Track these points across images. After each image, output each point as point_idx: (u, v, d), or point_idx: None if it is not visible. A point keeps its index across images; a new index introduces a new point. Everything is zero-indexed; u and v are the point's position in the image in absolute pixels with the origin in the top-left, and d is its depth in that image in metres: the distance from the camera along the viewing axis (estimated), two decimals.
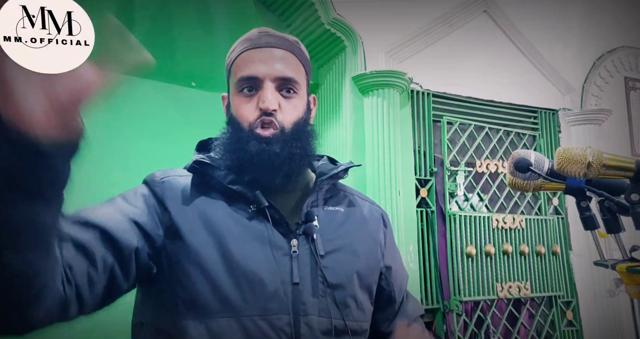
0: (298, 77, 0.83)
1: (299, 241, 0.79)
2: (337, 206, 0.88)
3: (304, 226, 0.80)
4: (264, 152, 0.78)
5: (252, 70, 0.80)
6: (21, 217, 0.49)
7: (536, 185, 0.88)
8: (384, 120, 2.29)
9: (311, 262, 0.78)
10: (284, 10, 2.47)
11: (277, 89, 0.81)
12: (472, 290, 2.43)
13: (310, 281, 0.77)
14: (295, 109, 0.82)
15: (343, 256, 0.82)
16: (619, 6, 3.21)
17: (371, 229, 0.90)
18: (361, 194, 0.98)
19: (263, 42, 0.82)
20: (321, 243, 0.80)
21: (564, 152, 0.74)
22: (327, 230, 0.83)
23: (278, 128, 0.79)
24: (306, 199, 0.83)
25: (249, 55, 0.82)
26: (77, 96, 0.48)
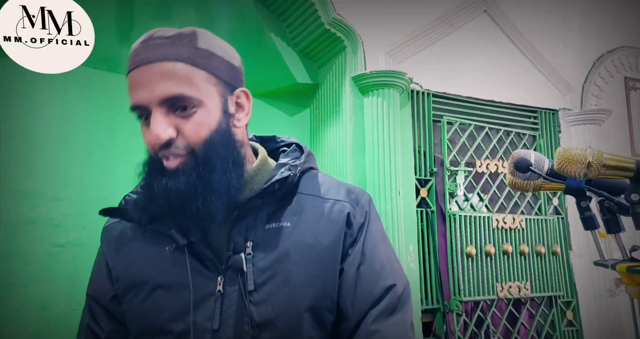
0: (190, 89, 0.67)
1: (225, 277, 0.69)
2: (284, 221, 0.73)
3: (230, 259, 0.69)
4: (166, 190, 0.67)
5: (135, 98, 0.68)
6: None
7: (536, 185, 0.88)
8: (384, 120, 2.29)
9: (239, 300, 0.68)
10: (284, 10, 2.47)
11: (171, 110, 0.67)
12: (472, 290, 2.43)
13: (234, 324, 0.67)
14: (201, 125, 0.68)
15: (279, 286, 0.69)
16: (619, 6, 3.21)
17: (327, 241, 0.73)
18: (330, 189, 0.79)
19: (139, 59, 0.68)
20: (251, 275, 0.69)
21: (564, 152, 0.74)
22: (264, 255, 0.70)
23: (184, 154, 0.67)
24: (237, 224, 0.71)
25: (130, 79, 0.69)
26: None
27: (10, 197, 1.88)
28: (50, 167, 1.98)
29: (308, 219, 0.74)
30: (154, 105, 0.67)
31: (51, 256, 1.92)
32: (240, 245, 0.70)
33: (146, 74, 0.67)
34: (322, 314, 0.71)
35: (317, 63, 2.63)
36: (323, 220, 0.74)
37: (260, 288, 0.69)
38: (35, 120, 1.98)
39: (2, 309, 1.81)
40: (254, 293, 0.68)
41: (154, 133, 0.66)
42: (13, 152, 1.91)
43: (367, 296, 0.72)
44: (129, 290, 0.74)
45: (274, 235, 0.72)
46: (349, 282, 0.73)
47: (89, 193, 2.02)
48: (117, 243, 0.78)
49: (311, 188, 0.78)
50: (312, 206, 0.76)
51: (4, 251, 1.85)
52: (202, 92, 0.68)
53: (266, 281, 0.69)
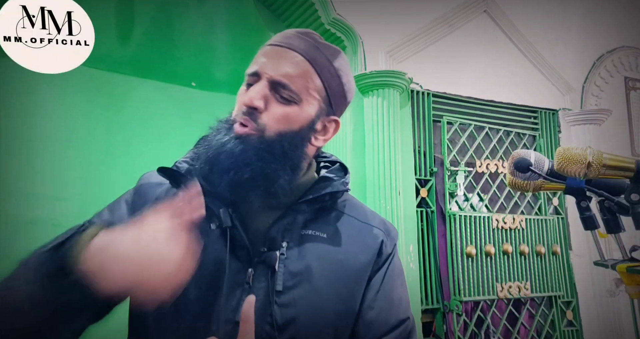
0: (300, 86, 0.71)
1: (255, 271, 0.69)
2: (320, 231, 0.74)
3: (264, 254, 0.69)
4: (221, 147, 0.69)
5: (255, 66, 0.72)
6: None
7: (536, 185, 0.88)
8: (384, 120, 2.29)
9: (265, 298, 0.67)
10: (284, 10, 2.47)
11: (272, 90, 0.71)
12: (472, 290, 2.43)
13: (257, 320, 0.64)
14: (286, 117, 0.71)
15: (306, 294, 0.69)
16: (619, 6, 3.21)
17: (358, 262, 0.74)
18: (367, 213, 0.82)
19: (285, 41, 0.74)
20: (282, 276, 0.69)
21: (564, 152, 0.74)
22: (296, 259, 0.71)
23: (256, 128, 0.69)
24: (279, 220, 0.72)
25: (264, 50, 0.74)
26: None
27: (10, 197, 1.88)
28: (50, 167, 1.97)
29: (343, 235, 0.75)
30: (264, 77, 0.71)
31: None
32: (277, 243, 0.71)
33: (279, 54, 0.72)
34: (341, 332, 0.72)
35: None
36: (357, 240, 0.76)
37: (287, 291, 0.69)
38: (35, 120, 1.98)
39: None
40: (281, 295, 0.68)
41: (250, 95, 0.70)
42: (13, 152, 1.91)
43: (381, 324, 0.73)
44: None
45: (308, 242, 0.73)
46: (366, 307, 0.74)
47: (89, 193, 2.02)
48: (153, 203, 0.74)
49: (349, 209, 0.80)
50: (350, 225, 0.77)
51: (4, 251, 1.84)
52: (307, 94, 0.72)
53: (294, 286, 0.69)
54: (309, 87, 0.72)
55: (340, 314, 0.71)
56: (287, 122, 0.71)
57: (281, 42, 0.73)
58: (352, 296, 0.73)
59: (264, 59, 0.72)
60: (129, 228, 0.58)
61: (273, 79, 0.70)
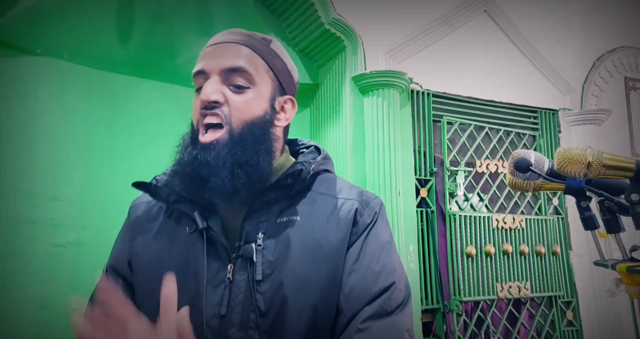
0: (250, 68, 0.74)
1: (235, 266, 0.72)
2: (294, 215, 0.75)
3: (241, 249, 0.72)
4: (195, 161, 0.71)
5: (200, 66, 0.75)
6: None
7: (536, 185, 0.88)
8: (384, 120, 2.29)
9: (246, 289, 0.70)
10: (284, 10, 2.48)
11: (225, 82, 0.74)
12: (472, 290, 2.44)
13: (240, 311, 0.69)
14: (247, 105, 0.73)
15: (285, 279, 0.70)
16: (619, 6, 3.21)
17: (335, 238, 0.74)
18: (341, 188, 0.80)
19: (219, 39, 0.78)
20: (260, 266, 0.71)
21: (564, 152, 0.74)
22: (273, 247, 0.72)
23: (223, 128, 0.71)
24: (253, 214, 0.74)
25: (203, 53, 0.78)
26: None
27: (10, 197, 1.88)
28: (50, 166, 1.97)
29: (318, 215, 0.76)
30: (214, 73, 0.73)
31: (51, 256, 1.92)
32: (252, 235, 0.73)
33: (218, 49, 0.76)
34: (325, 309, 0.71)
35: (317, 64, 2.63)
36: (332, 217, 0.76)
37: (267, 278, 0.71)
38: (36, 120, 1.98)
39: (2, 309, 1.80)
40: (261, 283, 0.70)
41: (206, 91, 0.71)
42: (13, 152, 1.91)
43: (364, 293, 0.71)
44: (145, 266, 0.76)
45: (284, 229, 0.74)
46: (345, 277, 0.73)
47: (89, 193, 2.02)
48: (141, 220, 0.81)
49: (325, 188, 0.80)
50: (324, 203, 0.77)
51: (4, 251, 1.85)
52: (258, 75, 0.75)
53: (273, 272, 0.71)
54: (258, 68, 0.76)
55: (323, 292, 0.71)
56: (249, 108, 0.74)
57: (215, 41, 0.77)
58: (331, 273, 0.72)
59: (205, 58, 0.75)
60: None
61: (223, 68, 0.73)
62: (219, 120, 0.72)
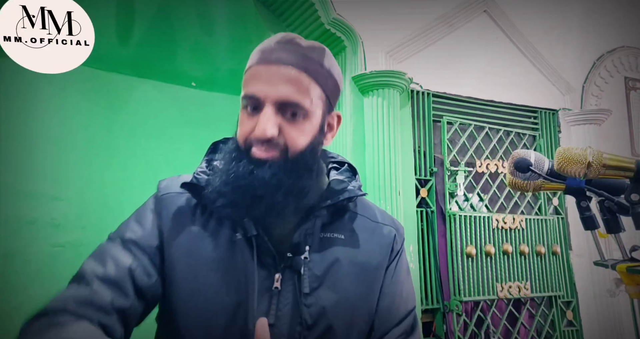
0: (305, 100, 0.72)
1: (283, 276, 0.73)
2: (338, 233, 0.78)
3: (290, 259, 0.73)
4: (252, 177, 0.70)
5: (254, 88, 0.72)
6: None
7: (536, 185, 0.88)
8: (384, 120, 2.29)
9: (293, 300, 0.72)
10: (284, 10, 2.47)
11: (280, 112, 0.72)
12: (472, 290, 2.43)
13: (288, 322, 0.71)
14: (302, 133, 0.73)
15: (331, 294, 0.74)
16: (619, 6, 3.21)
17: (375, 261, 0.80)
18: (377, 212, 0.86)
19: (273, 57, 0.73)
20: (308, 279, 0.73)
21: (564, 152, 0.74)
22: (319, 262, 0.75)
23: (278, 151, 0.71)
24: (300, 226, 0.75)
25: (256, 71, 0.73)
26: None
27: (10, 197, 1.88)
28: (50, 167, 1.97)
29: (359, 236, 0.80)
30: (268, 101, 0.71)
31: (51, 256, 1.92)
32: (302, 247, 0.74)
33: (273, 72, 0.72)
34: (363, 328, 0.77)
35: None
36: (373, 240, 0.81)
37: (313, 292, 0.73)
38: (35, 120, 1.98)
39: (2, 309, 1.80)
40: (308, 296, 0.72)
41: (262, 127, 0.70)
42: (13, 152, 1.91)
43: (393, 316, 0.80)
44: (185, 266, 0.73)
45: (329, 245, 0.77)
46: (380, 300, 0.80)
47: (89, 193, 2.02)
48: (178, 214, 0.77)
49: (361, 209, 0.84)
50: (363, 225, 0.82)
51: (4, 251, 1.85)
52: (312, 105, 0.74)
53: (319, 286, 0.74)
54: (312, 97, 0.73)
55: (363, 312, 0.77)
56: (303, 136, 0.73)
57: (269, 58, 0.73)
58: (371, 293, 0.78)
59: (259, 81, 0.72)
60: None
61: (278, 101, 0.71)
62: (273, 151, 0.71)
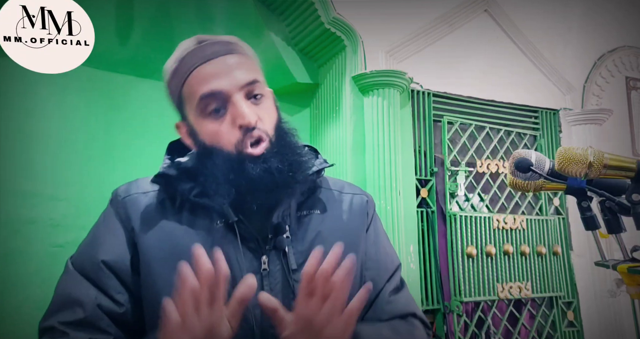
0: (260, 78, 0.75)
1: (269, 257, 0.74)
2: (312, 209, 0.81)
3: (273, 240, 0.75)
4: (266, 173, 0.71)
5: (213, 85, 0.71)
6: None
7: (537, 185, 0.88)
8: (384, 120, 2.28)
9: (283, 278, 0.74)
10: (284, 9, 2.47)
11: (247, 98, 0.73)
12: (472, 291, 2.43)
13: (281, 299, 0.71)
14: (269, 113, 0.75)
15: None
16: (619, 6, 3.20)
17: (352, 227, 0.83)
18: (346, 185, 0.90)
19: (209, 53, 0.73)
20: (293, 256, 0.75)
21: (564, 152, 0.74)
22: (300, 239, 0.77)
23: (266, 140, 0.72)
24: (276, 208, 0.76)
25: (200, 72, 0.72)
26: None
27: (10, 197, 1.88)
28: (50, 167, 1.98)
29: (334, 209, 0.84)
30: (235, 91, 0.71)
31: (51, 256, 1.92)
32: (282, 228, 0.76)
33: (221, 64, 0.72)
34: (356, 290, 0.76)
35: (317, 63, 2.62)
36: (348, 209, 0.85)
37: (300, 267, 0.73)
38: (35, 120, 1.98)
39: (2, 309, 1.81)
40: (296, 272, 0.74)
41: (246, 114, 0.70)
42: (13, 152, 1.91)
43: (384, 271, 0.84)
44: (164, 261, 0.72)
45: (307, 221, 0.80)
46: (372, 259, 0.84)
47: (89, 193, 2.02)
48: (147, 212, 0.77)
49: (329, 184, 0.88)
50: (333, 198, 0.85)
51: (4, 251, 1.85)
52: (263, 83, 0.76)
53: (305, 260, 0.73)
54: (259, 74, 0.76)
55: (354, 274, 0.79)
56: (272, 114, 0.76)
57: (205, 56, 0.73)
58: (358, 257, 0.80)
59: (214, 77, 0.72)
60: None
61: (242, 84, 0.72)
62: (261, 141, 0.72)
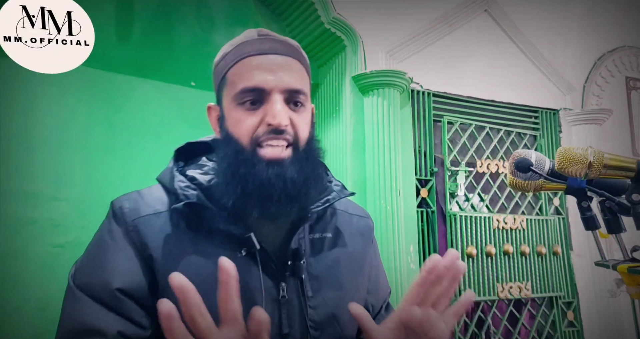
0: (306, 89, 0.72)
1: (287, 284, 0.71)
2: (324, 232, 0.79)
3: (292, 266, 0.72)
4: (278, 178, 0.67)
5: (257, 80, 0.68)
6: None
7: (537, 185, 0.88)
8: (384, 120, 2.28)
9: (299, 305, 0.72)
10: (284, 9, 2.47)
11: (286, 102, 0.70)
12: (472, 290, 2.43)
13: (299, 327, 0.70)
14: (306, 122, 0.72)
15: (332, 292, 0.75)
16: (619, 6, 3.20)
17: (360, 251, 0.83)
18: (349, 204, 0.88)
19: (267, 47, 0.71)
20: (309, 282, 0.73)
21: (564, 152, 0.74)
22: (314, 263, 0.75)
23: (291, 145, 0.69)
24: (294, 232, 0.73)
25: (251, 63, 0.70)
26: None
27: (10, 197, 1.88)
28: (50, 167, 1.97)
29: (343, 231, 0.83)
30: (276, 91, 0.69)
31: (51, 256, 1.92)
32: (300, 253, 0.73)
33: (273, 62, 0.70)
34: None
35: (317, 63, 2.62)
36: (356, 233, 0.84)
37: (316, 294, 0.74)
38: (35, 120, 1.97)
39: (2, 309, 1.80)
40: (311, 299, 0.73)
41: (278, 115, 0.67)
42: (13, 152, 1.91)
43: (382, 296, 0.88)
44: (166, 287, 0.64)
45: (320, 245, 0.78)
46: (372, 283, 0.85)
47: (89, 193, 2.02)
48: (164, 239, 0.69)
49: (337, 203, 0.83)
50: (343, 219, 0.84)
51: (4, 251, 1.85)
52: (307, 95, 0.74)
53: (320, 287, 0.74)
54: (307, 85, 0.73)
55: (359, 299, 0.80)
56: (306, 125, 0.73)
57: (262, 49, 0.71)
58: (363, 281, 0.82)
59: (262, 72, 0.69)
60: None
61: (286, 89, 0.69)
62: (286, 142, 0.69)
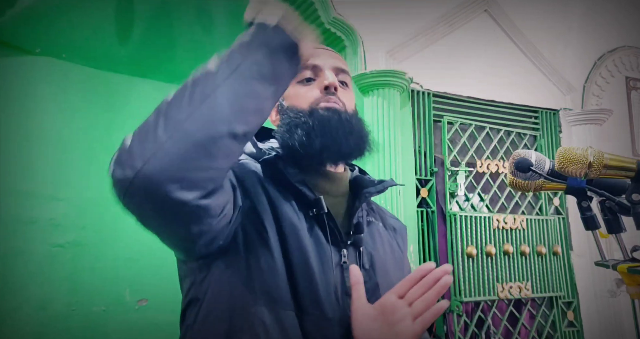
0: (349, 74, 0.91)
1: (348, 252, 0.79)
2: (376, 219, 0.91)
3: (354, 237, 0.81)
4: (334, 116, 0.81)
5: (316, 60, 0.86)
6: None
7: (537, 185, 0.88)
8: (384, 120, 2.28)
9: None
10: None
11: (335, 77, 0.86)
12: (472, 291, 2.43)
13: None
14: (350, 99, 0.88)
15: (381, 272, 0.82)
16: (619, 6, 3.20)
17: (401, 250, 0.93)
18: (382, 208, 1.00)
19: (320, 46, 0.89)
20: (366, 256, 0.81)
21: (564, 152, 0.74)
22: (369, 242, 0.84)
23: (341, 105, 0.84)
24: (353, 207, 0.84)
25: (317, 51, 0.86)
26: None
27: (10, 197, 1.88)
28: (50, 167, 1.97)
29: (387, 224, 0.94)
30: (327, 67, 0.87)
31: (51, 256, 1.91)
32: (361, 227, 0.82)
33: (328, 53, 0.90)
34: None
35: None
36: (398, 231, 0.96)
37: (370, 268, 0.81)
38: (35, 120, 1.97)
39: (2, 309, 1.80)
40: (365, 272, 0.79)
41: (331, 78, 0.85)
42: (13, 152, 1.91)
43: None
44: (276, 226, 0.76)
45: (373, 227, 0.88)
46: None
47: (89, 193, 2.02)
48: (257, 181, 0.80)
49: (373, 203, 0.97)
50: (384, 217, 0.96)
51: (4, 251, 1.84)
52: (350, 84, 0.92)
53: (372, 264, 0.82)
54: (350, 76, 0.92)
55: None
56: (352, 102, 0.89)
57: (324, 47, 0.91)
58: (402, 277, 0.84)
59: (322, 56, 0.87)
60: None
61: (335, 66, 0.87)
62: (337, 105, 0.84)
